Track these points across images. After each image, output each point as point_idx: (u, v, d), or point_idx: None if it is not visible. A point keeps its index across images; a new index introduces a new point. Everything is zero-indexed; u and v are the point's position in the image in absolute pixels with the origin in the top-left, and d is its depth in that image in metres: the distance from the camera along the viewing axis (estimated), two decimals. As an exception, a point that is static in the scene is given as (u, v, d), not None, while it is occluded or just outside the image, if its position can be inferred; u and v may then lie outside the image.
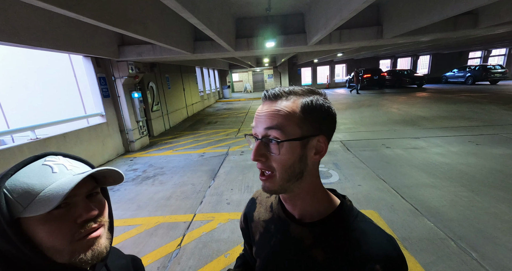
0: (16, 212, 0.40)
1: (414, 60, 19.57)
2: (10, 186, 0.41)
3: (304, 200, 0.52)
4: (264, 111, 0.48)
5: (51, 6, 1.92)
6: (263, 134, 0.47)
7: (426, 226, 2.29)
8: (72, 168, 0.46)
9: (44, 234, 0.41)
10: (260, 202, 0.67)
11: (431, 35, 5.35)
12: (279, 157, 0.46)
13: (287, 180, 0.47)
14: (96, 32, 4.29)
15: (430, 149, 4.40)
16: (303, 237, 0.51)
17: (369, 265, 0.44)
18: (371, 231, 0.49)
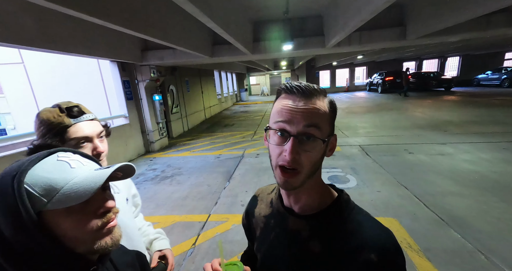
0: (39, 205, 0.42)
1: (442, 62, 18.51)
2: (30, 181, 0.42)
3: (309, 194, 0.53)
4: (302, 108, 0.46)
5: (84, 15, 2.08)
6: (300, 131, 0.46)
7: (452, 237, 2.14)
8: (87, 164, 0.49)
9: (68, 226, 0.43)
10: (261, 199, 0.68)
11: (460, 35, 5.04)
12: (311, 154, 0.47)
13: (309, 176, 0.48)
14: (122, 38, 4.56)
15: (458, 156, 4.11)
16: (300, 230, 0.52)
17: (364, 254, 0.44)
18: (367, 222, 0.50)
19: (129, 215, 0.94)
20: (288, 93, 0.49)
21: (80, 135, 0.72)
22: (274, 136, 0.49)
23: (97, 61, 5.66)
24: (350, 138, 5.76)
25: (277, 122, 0.48)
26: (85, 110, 0.78)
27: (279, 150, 0.48)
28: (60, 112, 0.72)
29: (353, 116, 8.72)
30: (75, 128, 0.72)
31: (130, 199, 0.99)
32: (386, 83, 15.43)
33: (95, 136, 0.76)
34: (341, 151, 4.82)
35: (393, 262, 0.44)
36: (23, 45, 2.72)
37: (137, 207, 1.09)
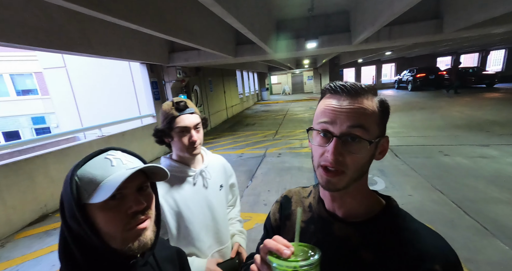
0: (83, 197, 0.46)
1: (483, 56, 16.85)
2: (79, 175, 0.47)
3: (354, 198, 0.50)
4: (346, 107, 0.44)
5: (121, 21, 2.22)
6: (344, 132, 0.44)
7: (499, 248, 1.93)
8: (126, 162, 0.51)
9: (102, 221, 0.46)
10: (295, 202, 0.64)
11: (506, 25, 4.53)
12: (357, 156, 0.45)
13: (354, 179, 0.46)
14: (151, 41, 4.80)
15: (504, 159, 3.71)
16: (350, 237, 0.49)
17: (427, 265, 0.42)
18: (423, 231, 0.47)
19: (219, 200, 1.03)
20: (332, 93, 0.47)
21: (181, 125, 0.90)
22: (316, 137, 0.48)
23: (128, 63, 6.02)
24: (377, 139, 5.48)
25: (320, 123, 0.47)
26: (189, 104, 0.95)
27: (322, 150, 0.46)
28: (172, 105, 0.92)
29: (380, 115, 8.28)
30: (179, 119, 0.91)
31: (225, 187, 1.09)
32: (417, 80, 14.41)
33: (192, 127, 0.92)
34: (367, 152, 4.60)
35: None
36: (67, 51, 2.99)
37: (233, 197, 1.21)
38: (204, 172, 0.99)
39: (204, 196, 0.98)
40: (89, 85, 6.31)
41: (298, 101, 15.36)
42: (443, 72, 14.50)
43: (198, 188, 0.98)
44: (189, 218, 0.93)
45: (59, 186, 3.37)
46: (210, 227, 0.99)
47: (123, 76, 6.17)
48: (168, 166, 0.97)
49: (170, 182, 0.94)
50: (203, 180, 0.99)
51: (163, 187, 0.92)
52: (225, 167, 1.13)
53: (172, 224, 0.91)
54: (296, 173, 3.97)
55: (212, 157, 1.09)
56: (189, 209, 0.94)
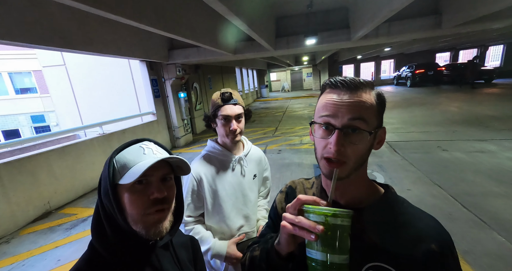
0: (116, 178, 0.52)
1: (482, 52, 16.83)
2: (117, 158, 0.54)
3: (356, 186, 0.53)
4: (347, 101, 0.47)
5: (120, 18, 2.23)
6: (346, 124, 0.46)
7: (496, 240, 1.98)
8: (156, 153, 0.56)
9: (127, 201, 0.51)
10: (299, 192, 0.66)
11: (504, 21, 4.54)
12: (358, 147, 0.47)
13: (355, 169, 0.49)
14: (151, 38, 4.78)
15: (502, 154, 3.76)
16: (352, 223, 0.51)
17: (425, 245, 0.45)
18: (420, 214, 0.51)
19: (252, 188, 1.13)
20: (333, 88, 0.50)
21: (223, 114, 1.00)
22: (319, 130, 0.50)
23: (128, 61, 6.01)
24: (377, 135, 5.52)
25: (322, 116, 0.49)
26: (234, 96, 1.04)
27: (324, 143, 0.48)
28: (219, 95, 1.02)
29: (379, 111, 8.31)
30: (223, 108, 1.00)
31: (259, 178, 1.19)
32: (416, 76, 14.41)
33: (234, 116, 1.01)
34: (367, 148, 4.64)
35: (451, 251, 0.46)
36: (67, 49, 2.98)
37: (265, 189, 1.29)
38: (243, 160, 1.09)
39: (239, 181, 1.08)
40: (89, 83, 6.30)
41: (297, 98, 15.35)
42: (442, 68, 14.50)
43: (236, 173, 1.08)
44: (223, 198, 1.04)
45: (62, 183, 3.40)
46: (240, 210, 1.08)
47: (123, 74, 6.16)
48: (212, 147, 1.08)
49: (212, 162, 1.06)
50: (241, 168, 1.09)
51: (206, 165, 1.04)
52: (261, 160, 1.21)
53: (209, 200, 1.02)
54: (296, 169, 4.00)
55: (252, 148, 1.18)
56: (225, 190, 1.04)
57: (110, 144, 4.31)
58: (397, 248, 0.47)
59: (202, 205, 1.04)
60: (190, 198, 1.02)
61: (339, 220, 0.40)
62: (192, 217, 1.04)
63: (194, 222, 1.05)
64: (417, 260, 0.45)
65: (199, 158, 1.07)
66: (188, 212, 1.02)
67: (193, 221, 1.05)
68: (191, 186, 1.01)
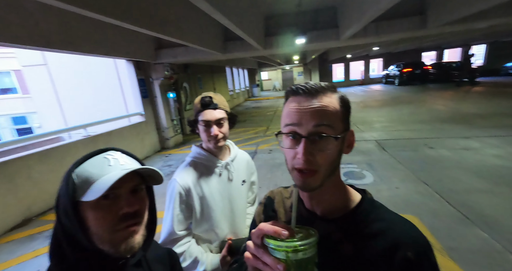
0: (78, 195, 0.47)
1: (466, 51, 17.39)
2: (77, 172, 0.48)
3: (332, 194, 0.52)
4: (310, 107, 0.45)
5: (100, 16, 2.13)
6: (311, 131, 0.45)
7: (479, 236, 2.03)
8: (124, 163, 0.51)
9: (92, 220, 0.46)
10: (278, 203, 0.64)
11: (488, 21, 4.68)
12: (327, 153, 0.46)
13: (327, 176, 0.48)
14: (137, 37, 4.65)
15: (485, 150, 3.87)
16: (330, 233, 0.51)
17: (400, 252, 0.44)
18: (397, 220, 0.50)
19: (240, 194, 1.10)
20: (294, 95, 0.48)
21: (203, 119, 0.97)
22: (286, 140, 0.49)
23: (114, 60, 5.83)
24: (365, 133, 5.59)
25: (287, 126, 0.48)
26: (215, 99, 1.00)
27: (293, 153, 0.47)
28: (199, 100, 1.00)
29: (368, 110, 8.45)
30: (203, 113, 0.98)
31: (247, 183, 1.15)
32: (404, 75, 14.74)
33: (213, 121, 0.97)
34: (356, 146, 4.69)
35: (428, 257, 0.45)
36: (44, 47, 2.84)
37: (253, 194, 1.26)
38: (229, 165, 1.05)
39: (227, 188, 1.04)
40: (72, 83, 6.07)
41: (288, 97, 15.37)
42: (428, 67, 14.89)
43: (223, 179, 1.04)
44: (212, 205, 1.00)
45: (42, 189, 3.25)
46: (228, 217, 1.05)
47: (109, 74, 5.98)
48: (197, 153, 1.04)
49: (198, 169, 1.01)
50: (228, 173, 1.05)
51: (192, 173, 1.00)
52: (249, 164, 1.18)
53: (198, 208, 0.98)
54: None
55: (238, 152, 1.15)
56: (213, 197, 1.00)
57: (96, 146, 4.17)
58: (375, 258, 0.46)
59: (191, 214, 0.99)
60: (179, 208, 0.96)
61: (300, 255, 0.37)
62: (183, 230, 0.98)
63: (186, 236, 0.99)
64: (394, 269, 0.44)
65: (185, 165, 1.03)
66: (178, 224, 0.96)
67: (185, 235, 0.98)
68: (178, 197, 0.96)
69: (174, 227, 0.94)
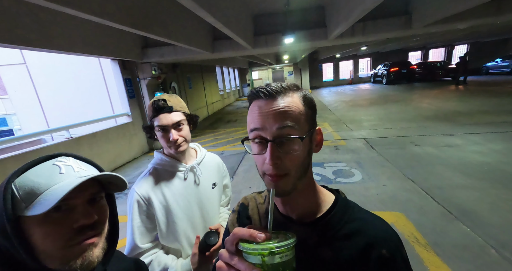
0: (19, 209, 0.40)
1: (449, 51, 18.00)
2: (19, 183, 0.41)
3: (306, 197, 0.51)
4: (271, 110, 0.44)
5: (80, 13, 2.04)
6: (276, 134, 0.44)
7: (462, 231, 2.08)
8: (79, 170, 0.46)
9: (39, 236, 0.40)
10: (252, 209, 0.62)
11: (468, 21, 4.84)
12: (295, 156, 0.45)
13: (298, 178, 0.46)
14: (122, 36, 4.52)
15: (467, 147, 4.00)
16: (306, 238, 0.50)
17: (376, 251, 0.45)
18: (371, 219, 0.50)
19: (211, 198, 1.04)
20: (256, 99, 0.47)
21: (159, 124, 0.90)
22: (254, 146, 0.48)
23: (98, 59, 5.65)
24: (354, 132, 5.67)
25: (252, 131, 0.47)
26: (169, 102, 0.92)
27: (262, 159, 0.46)
28: (151, 104, 0.91)
29: (357, 109, 8.58)
30: (157, 118, 0.91)
31: (219, 186, 1.10)
32: (391, 74, 15.08)
33: (171, 125, 0.91)
34: (345, 145, 4.75)
35: (401, 253, 0.46)
36: (22, 46, 2.71)
37: (226, 197, 1.21)
38: (195, 168, 1.00)
39: (194, 192, 0.98)
40: (54, 83, 5.84)
41: (279, 97, 15.40)
42: (414, 66, 15.29)
43: (188, 184, 0.97)
44: (177, 214, 0.93)
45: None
46: (198, 224, 0.98)
47: (93, 73, 5.79)
48: (159, 159, 0.97)
49: (160, 176, 0.94)
50: (195, 176, 1.00)
51: (153, 181, 0.92)
52: (220, 167, 1.13)
53: (161, 219, 0.91)
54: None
55: (207, 155, 1.10)
56: (178, 204, 0.93)
57: (79, 149, 4.03)
58: (352, 260, 0.46)
59: (154, 226, 0.92)
60: (139, 219, 0.88)
61: (277, 258, 0.34)
62: (148, 243, 0.91)
63: (152, 248, 0.92)
64: (371, 268, 0.44)
65: (145, 174, 0.95)
66: (141, 237, 0.88)
67: (151, 247, 0.91)
68: (137, 207, 0.88)
69: (136, 240, 0.87)
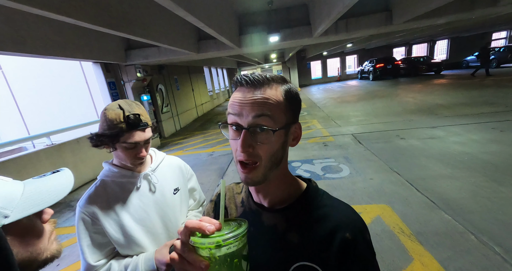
0: None
1: (431, 46, 18.55)
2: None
3: (278, 186, 0.52)
4: (250, 99, 0.45)
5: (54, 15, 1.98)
6: (251, 123, 0.44)
7: (443, 219, 2.15)
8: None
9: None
10: (229, 199, 0.64)
11: (446, 17, 5.01)
12: (267, 146, 0.46)
13: (269, 169, 0.47)
14: (103, 38, 4.41)
15: (448, 138, 4.14)
16: (277, 224, 0.52)
17: (339, 234, 0.46)
18: (337, 205, 0.52)
19: (173, 205, 0.97)
20: (239, 86, 0.48)
21: (130, 141, 0.83)
22: (231, 131, 0.49)
23: (80, 63, 5.49)
24: (342, 127, 5.76)
25: (230, 115, 0.47)
26: (143, 118, 0.86)
27: (236, 145, 0.46)
28: (122, 118, 0.82)
29: (345, 105, 8.72)
30: (129, 134, 0.82)
31: (183, 191, 1.03)
32: (377, 70, 15.41)
33: (143, 142, 0.86)
34: (334, 141, 4.82)
35: (363, 236, 0.48)
36: (-7, 50, 2.60)
37: (195, 201, 1.14)
38: (150, 176, 0.92)
39: (151, 201, 0.91)
40: (33, 89, 5.63)
41: (269, 96, 15.43)
42: (399, 62, 15.68)
43: (143, 193, 0.90)
44: (132, 227, 0.85)
45: None
46: (160, 234, 0.91)
47: (74, 77, 5.62)
48: (107, 171, 0.89)
49: (109, 189, 0.87)
50: (149, 184, 0.92)
51: (100, 195, 0.85)
52: (182, 170, 1.07)
53: (114, 234, 0.83)
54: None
55: (164, 159, 1.03)
56: (132, 216, 0.86)
57: (61, 155, 3.90)
58: (318, 244, 0.47)
59: (107, 240, 0.84)
60: (88, 238, 0.81)
61: (224, 250, 0.35)
62: (102, 259, 0.83)
63: (107, 262, 0.85)
64: (335, 251, 0.46)
65: (91, 188, 0.87)
66: (92, 255, 0.81)
67: (105, 262, 0.84)
68: (83, 225, 0.81)
69: (88, 260, 0.80)
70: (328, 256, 0.46)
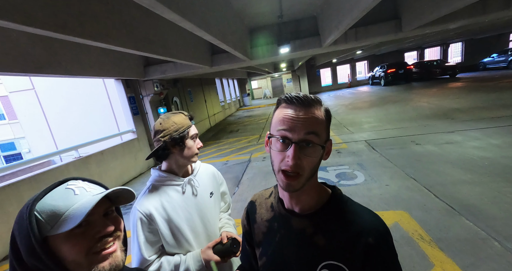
0: (45, 231, 0.46)
1: (444, 49, 18.18)
2: (40, 208, 0.47)
3: (309, 194, 0.58)
4: (303, 117, 0.51)
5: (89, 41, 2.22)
6: (301, 138, 0.51)
7: (465, 225, 2.12)
8: (90, 190, 0.53)
9: (66, 250, 0.46)
10: (259, 204, 0.72)
11: (457, 22, 4.98)
12: (312, 159, 0.52)
13: (308, 179, 0.53)
14: (124, 56, 4.75)
15: (467, 143, 4.04)
16: (305, 228, 0.58)
17: (363, 239, 0.51)
18: (361, 211, 0.57)
19: (210, 207, 1.10)
20: (288, 103, 0.54)
21: (194, 133, 1.04)
22: (276, 143, 0.54)
23: (103, 80, 5.90)
24: (355, 134, 5.74)
25: (280, 130, 0.53)
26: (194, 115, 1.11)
27: (282, 156, 0.52)
28: (185, 116, 1.05)
29: (357, 111, 8.67)
30: (192, 127, 1.04)
31: (216, 194, 1.16)
32: (389, 75, 15.23)
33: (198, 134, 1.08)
34: (347, 148, 4.81)
35: (386, 241, 0.52)
36: (35, 73, 2.90)
37: (226, 204, 1.28)
38: (192, 180, 1.05)
39: (194, 203, 1.03)
40: (61, 106, 6.08)
41: (279, 104, 15.56)
42: (411, 66, 15.45)
43: (187, 196, 1.02)
44: (180, 225, 0.97)
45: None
46: (201, 233, 1.04)
47: (98, 93, 6.02)
48: (157, 176, 1.02)
49: (160, 192, 0.99)
50: (192, 188, 1.05)
51: (153, 198, 0.97)
52: (215, 176, 1.19)
53: (165, 232, 0.95)
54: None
55: (201, 166, 1.16)
56: (179, 217, 0.98)
57: (88, 167, 4.16)
58: (344, 245, 0.53)
59: (158, 238, 0.96)
60: (143, 236, 0.93)
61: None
62: (154, 254, 0.96)
63: (158, 257, 0.97)
64: (359, 253, 0.51)
65: (145, 192, 1.00)
66: (147, 250, 0.93)
67: (157, 257, 0.96)
68: (140, 224, 0.93)
69: (143, 254, 0.92)
70: (352, 257, 0.51)
